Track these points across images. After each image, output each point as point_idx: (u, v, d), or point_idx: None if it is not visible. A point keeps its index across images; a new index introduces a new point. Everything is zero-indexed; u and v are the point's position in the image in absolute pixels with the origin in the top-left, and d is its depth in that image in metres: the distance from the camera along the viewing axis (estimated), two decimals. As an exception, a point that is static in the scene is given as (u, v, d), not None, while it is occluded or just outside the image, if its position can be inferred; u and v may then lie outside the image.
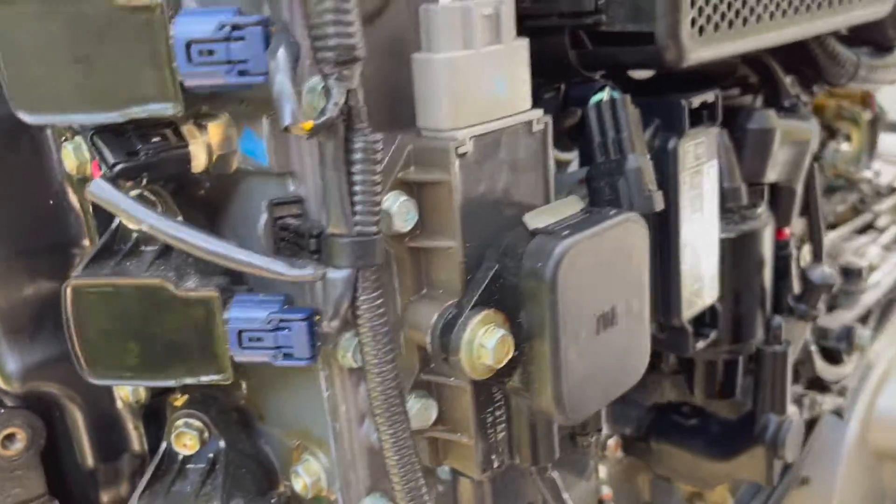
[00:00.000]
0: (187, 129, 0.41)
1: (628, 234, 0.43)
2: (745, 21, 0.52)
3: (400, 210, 0.42)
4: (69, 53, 0.38)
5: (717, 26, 0.49)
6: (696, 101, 0.53)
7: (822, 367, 0.76)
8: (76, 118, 0.41)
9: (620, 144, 0.50)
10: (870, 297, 0.86)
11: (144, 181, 0.41)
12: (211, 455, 0.49)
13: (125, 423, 0.57)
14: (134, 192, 0.41)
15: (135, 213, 0.40)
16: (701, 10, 0.48)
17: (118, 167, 0.39)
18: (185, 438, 0.49)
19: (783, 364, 0.61)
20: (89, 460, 0.56)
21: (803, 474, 0.92)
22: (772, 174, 0.64)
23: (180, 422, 0.49)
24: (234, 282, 0.44)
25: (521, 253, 0.41)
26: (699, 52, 0.49)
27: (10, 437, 0.55)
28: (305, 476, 0.48)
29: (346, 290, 0.39)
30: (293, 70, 0.37)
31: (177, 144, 0.41)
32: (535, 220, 0.43)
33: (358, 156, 0.38)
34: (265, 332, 0.41)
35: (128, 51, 0.38)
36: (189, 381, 0.44)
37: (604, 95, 0.51)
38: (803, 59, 0.77)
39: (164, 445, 0.49)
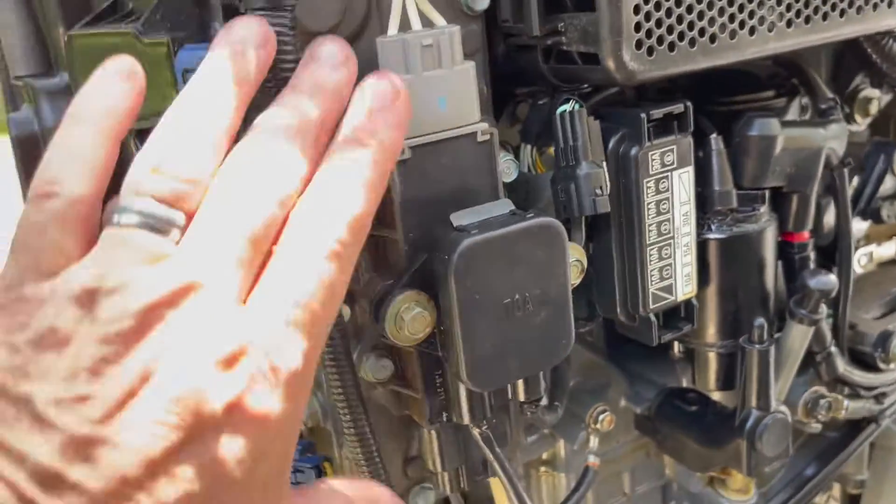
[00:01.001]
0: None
1: (541, 235, 0.50)
2: (713, 38, 0.55)
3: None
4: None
5: (672, 46, 0.54)
6: (658, 113, 0.57)
7: (853, 372, 0.76)
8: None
9: (575, 152, 0.56)
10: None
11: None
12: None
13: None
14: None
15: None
16: (650, 32, 0.53)
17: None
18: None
19: (765, 362, 0.64)
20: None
21: (857, 477, 0.91)
22: (773, 180, 0.66)
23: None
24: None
25: (440, 245, 0.49)
26: (651, 72, 0.53)
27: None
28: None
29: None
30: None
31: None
32: (459, 218, 0.51)
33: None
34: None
35: (151, 75, 0.51)
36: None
37: (567, 107, 0.57)
38: (863, 60, 0.76)
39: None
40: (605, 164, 0.57)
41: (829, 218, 0.85)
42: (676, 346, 0.74)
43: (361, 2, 0.52)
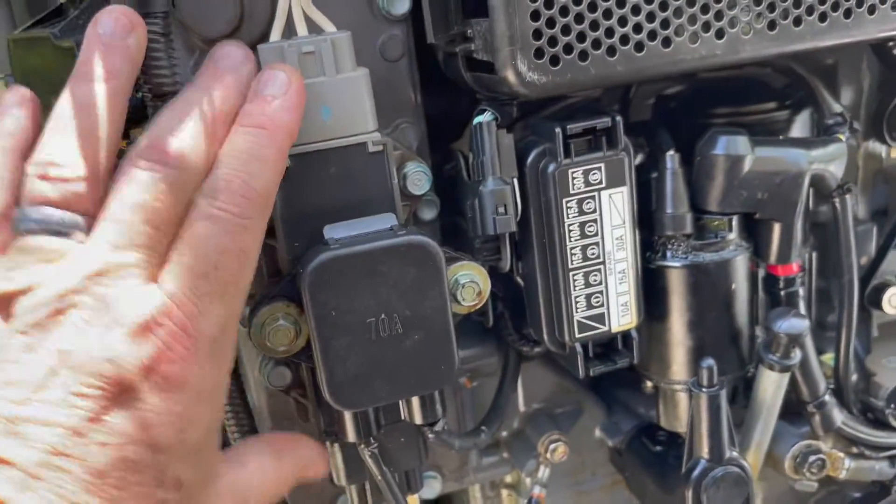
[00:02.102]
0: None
1: (410, 254, 0.47)
2: (639, 46, 0.50)
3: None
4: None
5: (584, 55, 0.49)
6: (577, 127, 0.52)
7: (856, 427, 0.66)
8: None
9: (482, 167, 0.53)
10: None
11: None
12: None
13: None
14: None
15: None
16: (553, 39, 0.48)
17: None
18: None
19: (714, 408, 0.57)
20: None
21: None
22: (741, 205, 0.58)
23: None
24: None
25: (303, 258, 0.48)
26: (557, 85, 0.49)
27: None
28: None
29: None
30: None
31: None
32: (332, 231, 0.49)
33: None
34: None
35: (64, 75, 0.53)
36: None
37: (481, 118, 0.53)
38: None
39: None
40: (515, 180, 0.53)
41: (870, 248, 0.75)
42: (647, 381, 0.67)
43: (264, 8, 0.52)
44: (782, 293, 0.62)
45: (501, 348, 0.68)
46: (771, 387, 0.61)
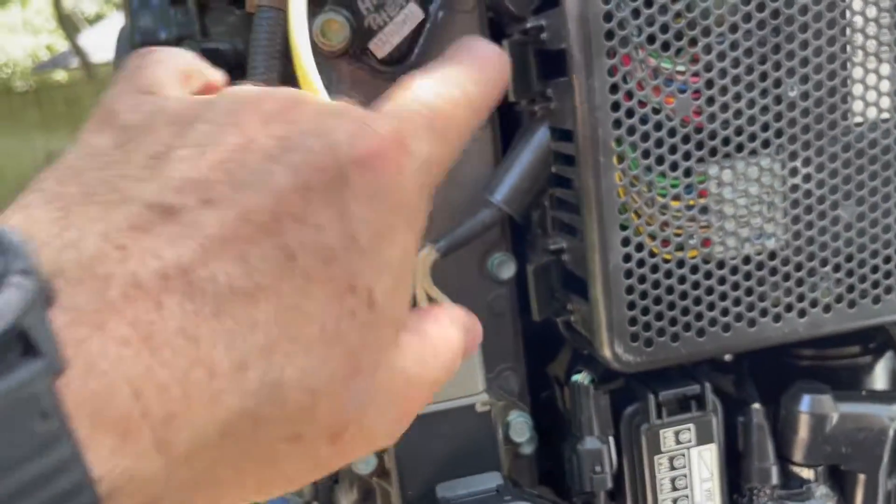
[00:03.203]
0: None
1: (515, 519, 0.53)
2: (726, 328, 0.55)
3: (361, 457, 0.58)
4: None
5: (676, 337, 0.54)
6: (668, 394, 0.57)
7: None
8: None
9: (580, 426, 0.58)
10: None
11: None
12: None
13: None
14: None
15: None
16: (648, 325, 0.54)
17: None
18: None
19: None
20: None
21: None
22: (826, 459, 0.61)
23: None
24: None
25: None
26: (650, 362, 0.54)
27: None
28: None
29: None
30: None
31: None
32: (445, 490, 0.55)
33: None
34: None
35: None
36: None
37: (579, 378, 0.59)
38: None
39: None
40: (611, 438, 0.58)
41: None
42: None
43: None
44: (870, 538, 0.64)
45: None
46: None
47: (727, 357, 0.68)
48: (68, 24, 12.10)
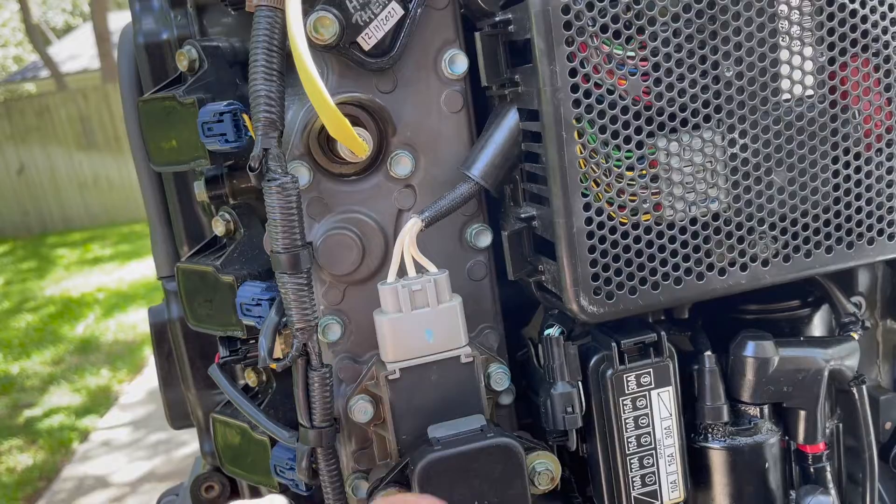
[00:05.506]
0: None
1: (498, 453, 0.60)
2: (678, 281, 0.62)
3: (359, 408, 0.65)
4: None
5: (633, 290, 0.62)
6: (629, 342, 0.65)
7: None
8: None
9: (552, 372, 0.65)
10: None
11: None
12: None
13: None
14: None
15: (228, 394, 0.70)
16: (608, 280, 0.61)
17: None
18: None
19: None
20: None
21: None
22: (769, 397, 0.69)
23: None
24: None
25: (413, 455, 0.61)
26: (612, 313, 0.62)
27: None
28: None
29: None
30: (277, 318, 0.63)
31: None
32: (434, 431, 0.62)
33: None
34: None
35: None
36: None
37: (551, 331, 0.66)
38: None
39: None
40: (580, 382, 0.65)
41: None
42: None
43: (378, 251, 0.67)
44: (811, 468, 0.72)
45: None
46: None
47: (685, 315, 0.76)
48: (37, 36, 11.99)
